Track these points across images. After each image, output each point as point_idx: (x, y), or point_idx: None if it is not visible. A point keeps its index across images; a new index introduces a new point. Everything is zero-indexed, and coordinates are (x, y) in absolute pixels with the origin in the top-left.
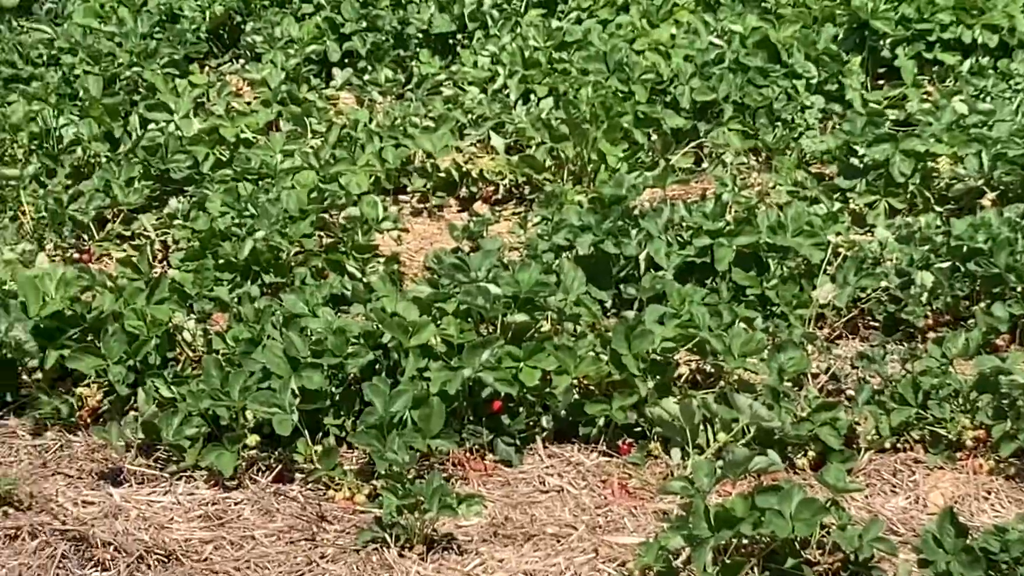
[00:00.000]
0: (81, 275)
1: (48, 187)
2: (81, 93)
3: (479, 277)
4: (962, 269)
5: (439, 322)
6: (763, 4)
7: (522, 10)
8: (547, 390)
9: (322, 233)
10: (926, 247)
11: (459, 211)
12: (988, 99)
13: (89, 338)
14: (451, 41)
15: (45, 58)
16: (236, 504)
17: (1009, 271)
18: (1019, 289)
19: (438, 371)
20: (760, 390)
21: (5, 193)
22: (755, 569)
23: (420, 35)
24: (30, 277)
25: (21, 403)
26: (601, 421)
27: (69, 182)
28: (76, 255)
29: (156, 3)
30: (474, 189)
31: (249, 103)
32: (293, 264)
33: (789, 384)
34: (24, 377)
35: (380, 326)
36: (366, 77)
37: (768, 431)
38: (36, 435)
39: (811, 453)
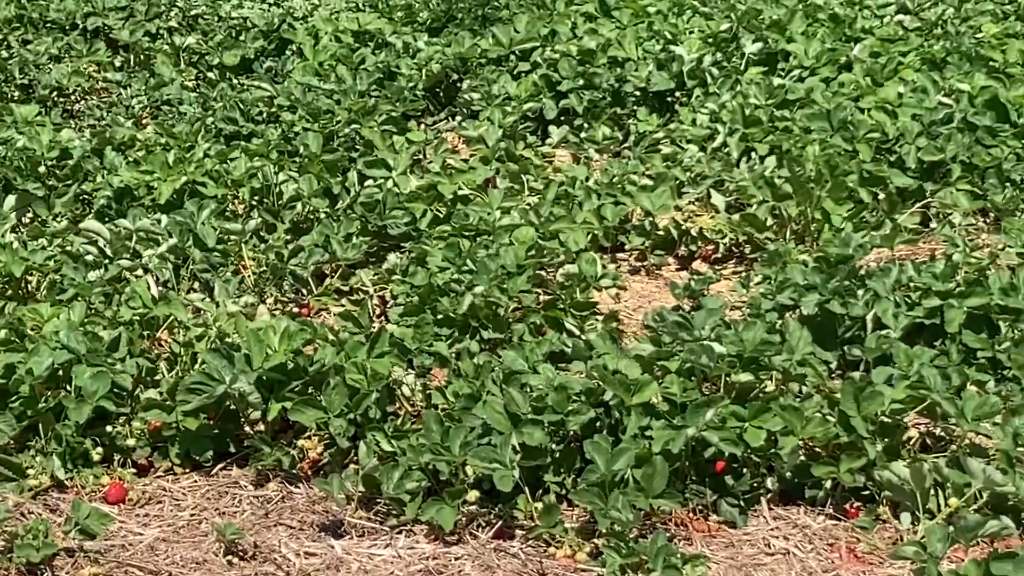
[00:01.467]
0: (303, 328)
1: (268, 242)
2: (301, 150)
3: (703, 335)
4: None
5: (662, 380)
6: (991, 63)
7: (742, 68)
8: (772, 451)
9: (540, 290)
10: None
11: (678, 270)
12: None
13: (311, 391)
14: (669, 99)
15: (265, 115)
16: (456, 559)
17: None
18: None
19: (661, 429)
20: (994, 455)
21: (228, 247)
22: None
23: (638, 93)
24: (254, 330)
25: (244, 454)
26: (828, 483)
27: (289, 237)
28: (296, 309)
29: (374, 62)
30: (693, 248)
31: (466, 160)
32: (511, 320)
33: (1023, 450)
34: (246, 428)
35: (602, 383)
36: (583, 135)
37: (1002, 497)
38: (258, 486)
39: None
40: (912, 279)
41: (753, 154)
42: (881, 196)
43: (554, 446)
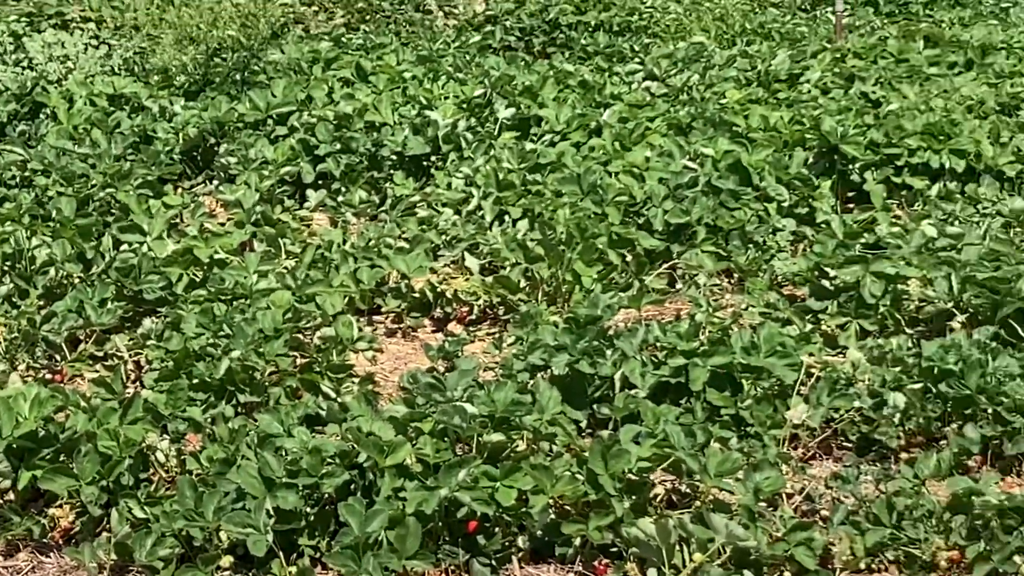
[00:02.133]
0: (55, 395)
1: (21, 308)
2: (54, 214)
3: (455, 396)
4: (933, 390)
5: (415, 441)
6: (734, 128)
7: (495, 132)
8: (523, 510)
9: (297, 353)
10: (898, 368)
11: (433, 331)
12: (956, 223)
13: (62, 458)
14: (425, 163)
15: (18, 179)
16: None
17: (980, 392)
18: (990, 411)
19: (414, 491)
20: (736, 510)
21: None
22: None
23: (394, 157)
24: (3, 397)
25: None
26: (577, 541)
27: (42, 303)
28: (49, 375)
29: (129, 125)
30: (448, 310)
31: (223, 224)
32: (268, 384)
33: (764, 504)
34: None
35: (356, 446)
36: (340, 198)
37: (744, 551)
38: (8, 556)
39: (787, 573)
40: (658, 339)
41: (506, 217)
42: (629, 258)
43: (308, 509)
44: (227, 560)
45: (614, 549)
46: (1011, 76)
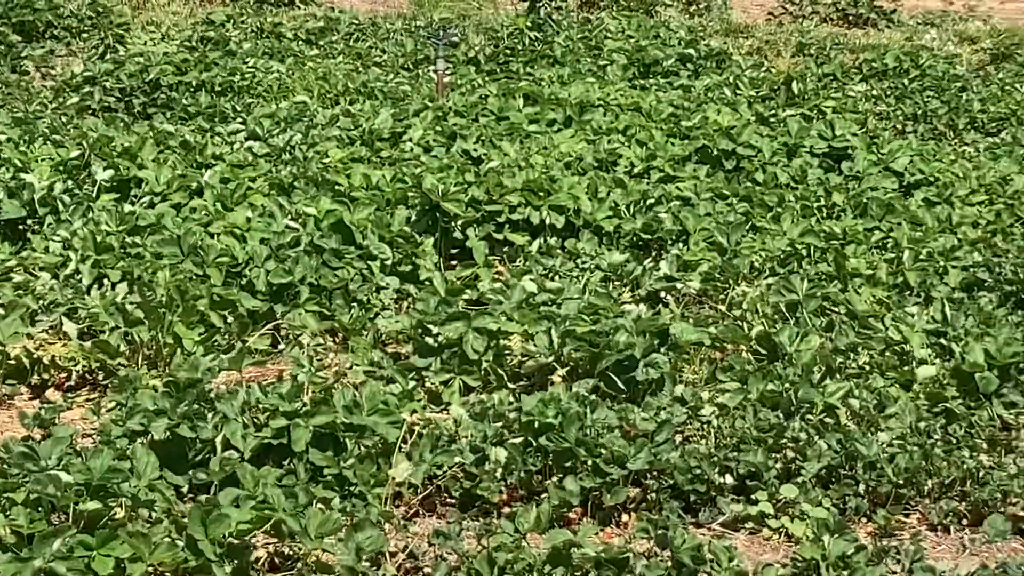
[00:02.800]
0: None
1: None
2: None
3: (49, 465)
4: (534, 444)
5: (8, 512)
6: (337, 187)
7: (94, 195)
8: None
9: None
10: (499, 423)
11: (31, 399)
12: (556, 278)
13: None
14: (21, 227)
15: None
16: None
17: (579, 445)
18: (589, 463)
19: (7, 563)
20: (338, 571)
21: None
22: None
23: None
24: None
25: None
26: None
27: None
28: None
29: None
30: (46, 376)
31: None
32: None
33: (367, 564)
34: None
35: None
36: None
37: None
38: None
39: None
40: (260, 400)
41: (105, 280)
42: (231, 319)
43: None
44: None
45: None
46: (608, 132)
